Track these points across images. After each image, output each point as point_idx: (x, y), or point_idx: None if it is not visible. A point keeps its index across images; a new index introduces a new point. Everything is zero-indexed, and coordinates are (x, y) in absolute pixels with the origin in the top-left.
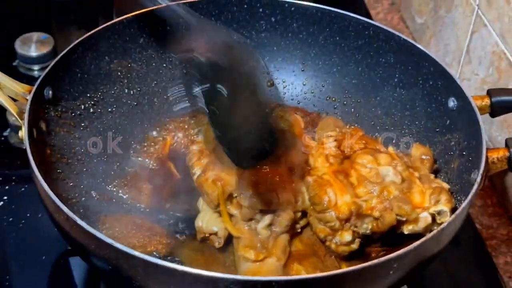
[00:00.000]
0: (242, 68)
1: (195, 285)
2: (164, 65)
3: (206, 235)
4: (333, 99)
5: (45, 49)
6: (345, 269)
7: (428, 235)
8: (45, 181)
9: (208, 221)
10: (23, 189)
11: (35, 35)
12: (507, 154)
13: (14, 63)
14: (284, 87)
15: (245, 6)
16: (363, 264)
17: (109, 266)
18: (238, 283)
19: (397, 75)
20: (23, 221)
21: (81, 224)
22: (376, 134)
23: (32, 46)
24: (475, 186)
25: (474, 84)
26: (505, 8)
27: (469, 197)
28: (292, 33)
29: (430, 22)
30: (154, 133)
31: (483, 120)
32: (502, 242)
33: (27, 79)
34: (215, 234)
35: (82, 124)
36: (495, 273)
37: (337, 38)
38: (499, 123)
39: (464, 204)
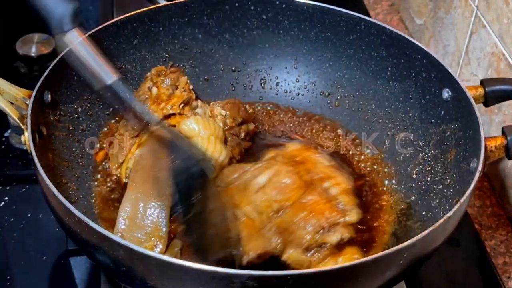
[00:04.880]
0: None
1: (211, 282)
2: (158, 65)
3: None
4: (326, 94)
5: (46, 50)
6: (361, 259)
7: (440, 220)
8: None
9: None
10: (24, 189)
11: (36, 36)
12: (504, 142)
13: (15, 64)
14: (277, 84)
15: (237, 4)
16: (376, 254)
17: (123, 267)
18: (254, 279)
19: (389, 69)
20: (24, 222)
21: (94, 227)
22: (370, 127)
23: (33, 47)
24: (477, 174)
25: (473, 85)
26: (504, 9)
27: (473, 183)
28: (283, 30)
29: (429, 23)
30: None
31: (483, 122)
32: (501, 242)
33: (28, 80)
34: None
35: (81, 127)
36: (494, 274)
37: (329, 34)
38: (498, 124)
39: (468, 190)
